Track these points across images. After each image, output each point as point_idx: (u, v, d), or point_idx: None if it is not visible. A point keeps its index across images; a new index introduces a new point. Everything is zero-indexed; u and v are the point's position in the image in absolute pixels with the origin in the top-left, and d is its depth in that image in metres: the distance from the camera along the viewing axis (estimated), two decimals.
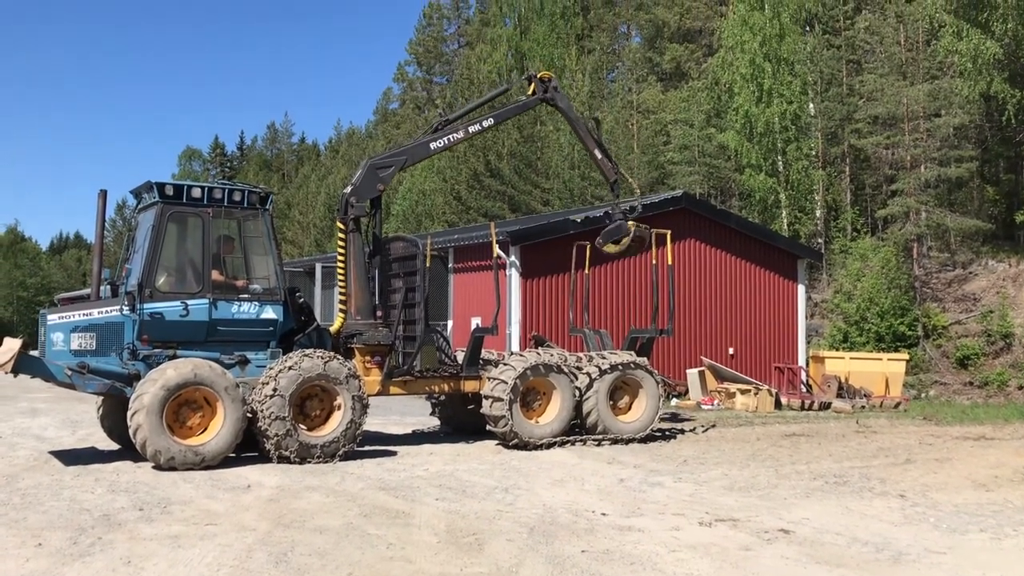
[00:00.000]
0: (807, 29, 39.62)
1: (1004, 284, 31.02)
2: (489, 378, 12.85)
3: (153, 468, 10.31)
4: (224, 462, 10.60)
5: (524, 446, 12.53)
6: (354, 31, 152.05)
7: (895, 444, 13.44)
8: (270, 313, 11.64)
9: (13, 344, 10.33)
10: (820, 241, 35.96)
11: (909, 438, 14.22)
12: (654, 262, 15.16)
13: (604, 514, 8.19)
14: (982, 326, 29.05)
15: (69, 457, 11.49)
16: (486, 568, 6.40)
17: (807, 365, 23.60)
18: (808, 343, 25.78)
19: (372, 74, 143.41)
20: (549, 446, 12.68)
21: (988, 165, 36.47)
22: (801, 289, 24.57)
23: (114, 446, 12.11)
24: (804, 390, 22.68)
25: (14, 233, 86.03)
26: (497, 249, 14.50)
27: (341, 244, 12.73)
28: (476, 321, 19.72)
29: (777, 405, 20.02)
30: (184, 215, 11.42)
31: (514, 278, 20.01)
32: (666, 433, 14.47)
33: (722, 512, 8.31)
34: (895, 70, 34.27)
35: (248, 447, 11.11)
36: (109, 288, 11.91)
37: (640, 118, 46.22)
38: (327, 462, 10.98)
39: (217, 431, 10.55)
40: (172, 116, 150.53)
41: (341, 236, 12.74)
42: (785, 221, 33.99)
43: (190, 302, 11.13)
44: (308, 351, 11.34)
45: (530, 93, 14.71)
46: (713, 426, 15.91)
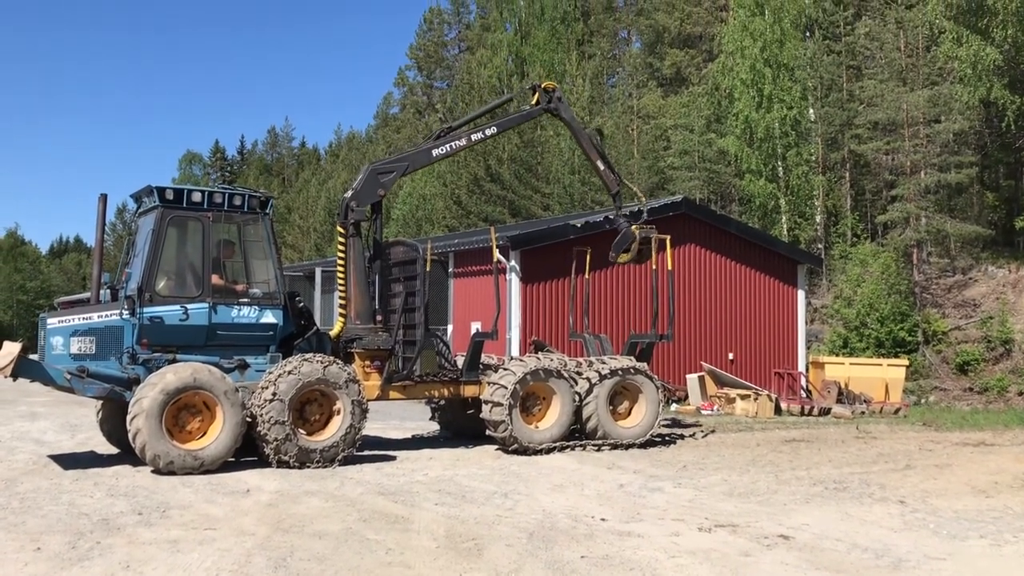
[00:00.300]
0: (807, 35, 39.71)
1: (1004, 290, 31.04)
2: (489, 383, 12.84)
3: (152, 472, 10.30)
4: (223, 466, 10.59)
5: (524, 451, 12.52)
6: (355, 36, 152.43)
7: (895, 450, 13.42)
8: (270, 317, 11.64)
9: (12, 348, 10.33)
10: (820, 246, 35.99)
11: (909, 444, 14.20)
12: (654, 267, 15.15)
13: (604, 519, 8.18)
14: (982, 332, 29.06)
15: (68, 461, 11.47)
16: (485, 573, 6.39)
17: (807, 370, 23.59)
18: (808, 348, 25.79)
19: (373, 79, 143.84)
20: (549, 451, 12.67)
21: (988, 171, 36.51)
22: (801, 294, 24.57)
23: (113, 450, 12.10)
24: (804, 395, 22.67)
25: (14, 237, 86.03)
26: (497, 254, 14.51)
27: (341, 248, 12.73)
28: (476, 326, 19.72)
29: (777, 410, 20.01)
30: (184, 219, 11.42)
31: (514, 283, 20.02)
32: (666, 438, 14.46)
33: (722, 518, 8.31)
34: (895, 76, 34.32)
35: (247, 451, 11.09)
36: (109, 292, 11.91)
37: (640, 123, 46.28)
38: (326, 467, 10.96)
39: (216, 435, 10.54)
40: (173, 120, 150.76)
41: (341, 240, 12.74)
42: (785, 226, 34.02)
43: (190, 306, 11.13)
44: (308, 355, 11.34)
45: (533, 103, 14.73)
46: (713, 431, 15.90)
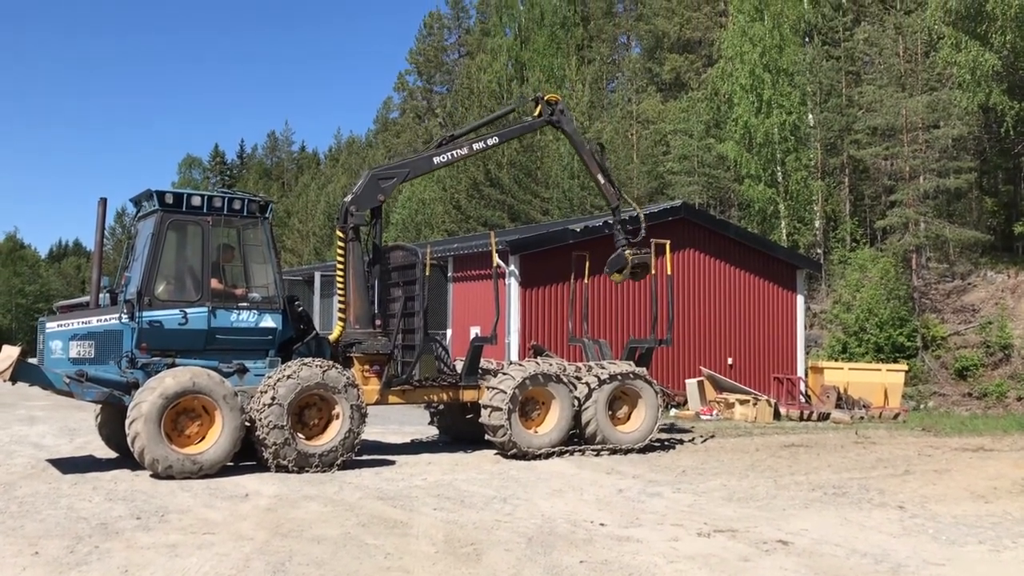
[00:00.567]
0: (806, 40, 39.76)
1: (1003, 295, 31.05)
2: (488, 387, 12.84)
3: (151, 476, 10.29)
4: (222, 471, 10.58)
5: (523, 456, 12.52)
6: (354, 40, 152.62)
7: (894, 455, 13.42)
8: (269, 322, 11.64)
9: (11, 352, 10.32)
10: (819, 251, 36.01)
11: (908, 449, 14.20)
12: (653, 272, 15.16)
13: (603, 524, 8.18)
14: (981, 337, 29.06)
15: (67, 465, 11.46)
16: None
17: (806, 375, 23.60)
18: (807, 353, 25.80)
19: (372, 83, 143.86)
20: (548, 456, 12.66)
21: (987, 176, 36.55)
22: (800, 299, 24.58)
23: (112, 454, 12.09)
24: (803, 400, 22.67)
25: (13, 240, 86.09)
26: (496, 258, 14.52)
27: (340, 253, 12.74)
28: (475, 330, 19.72)
29: (776, 415, 20.01)
30: (184, 223, 11.43)
31: (513, 287, 20.02)
32: (665, 443, 14.45)
33: (721, 523, 8.30)
34: (894, 81, 34.37)
35: (246, 456, 11.09)
36: (108, 296, 11.91)
37: (640, 128, 46.32)
38: (325, 471, 10.95)
39: (215, 440, 10.53)
40: (172, 124, 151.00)
41: (340, 245, 12.74)
42: (784, 231, 34.05)
43: (189, 310, 11.13)
44: (307, 360, 11.34)
45: (536, 114, 14.76)
46: (712, 436, 15.89)
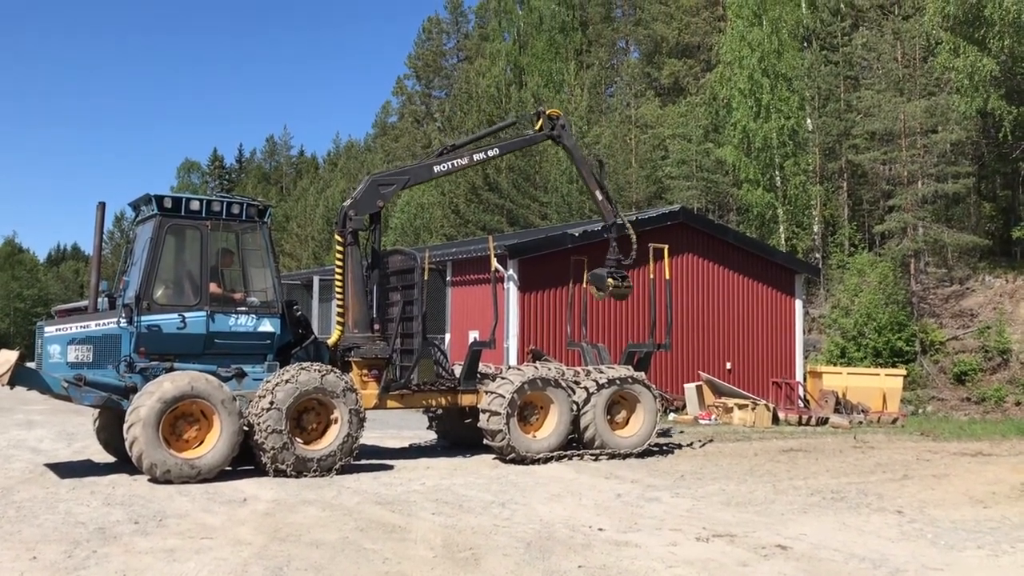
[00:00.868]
0: (805, 45, 39.82)
1: (1001, 300, 31.09)
2: (487, 392, 12.83)
3: (149, 481, 10.27)
4: (220, 475, 10.56)
5: (521, 460, 12.50)
6: (354, 45, 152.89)
7: (892, 460, 13.42)
8: (267, 326, 11.64)
9: (10, 356, 10.31)
10: (818, 256, 36.04)
11: (906, 454, 14.20)
12: (652, 276, 15.17)
13: (601, 529, 8.17)
14: (979, 342, 29.08)
15: (65, 470, 11.45)
16: None
17: (804, 380, 23.59)
18: (806, 358, 25.80)
19: (371, 88, 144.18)
20: (546, 460, 12.65)
21: (985, 181, 36.60)
22: (799, 304, 24.60)
23: (110, 459, 12.07)
24: (802, 405, 22.66)
25: (12, 244, 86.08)
26: (495, 263, 14.52)
27: (339, 257, 12.74)
28: (474, 335, 19.71)
29: (775, 420, 20.00)
30: (182, 228, 11.43)
31: (512, 292, 20.03)
32: (663, 448, 14.44)
33: (719, 527, 8.30)
34: (892, 86, 34.44)
35: (244, 460, 11.07)
36: (107, 300, 11.92)
37: (638, 133, 46.37)
38: (323, 476, 10.94)
39: (213, 444, 10.52)
40: (171, 128, 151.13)
41: (339, 249, 12.75)
42: (783, 236, 34.08)
43: (187, 315, 11.13)
44: (305, 364, 11.33)
45: (537, 128, 14.78)
46: (711, 441, 15.88)
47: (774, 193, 34.20)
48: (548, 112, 14.79)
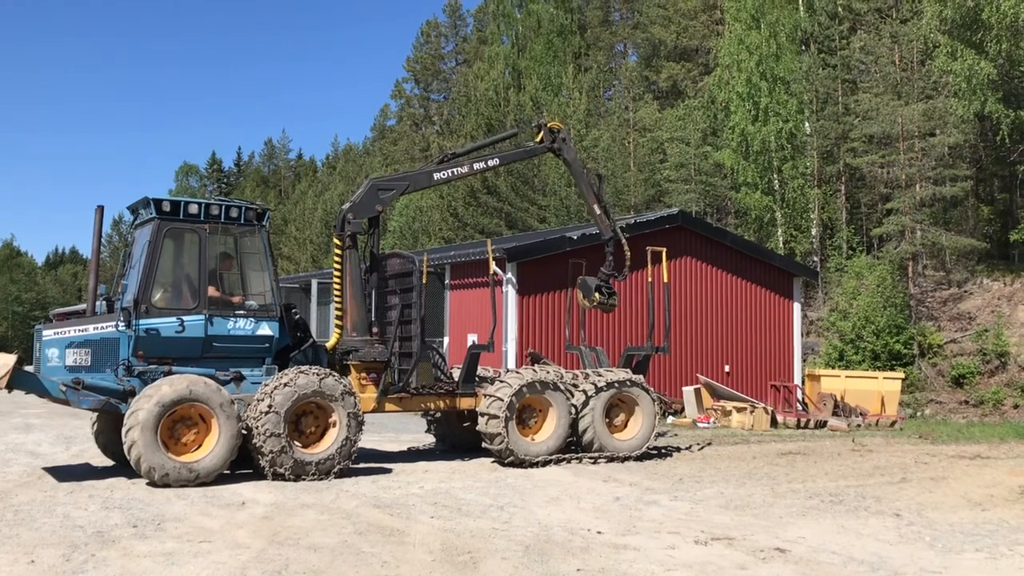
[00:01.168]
0: (803, 49, 39.86)
1: (999, 303, 31.10)
2: (485, 395, 12.83)
3: (147, 485, 10.27)
4: (218, 479, 10.56)
5: (520, 464, 12.51)
6: (352, 48, 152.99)
7: (891, 463, 13.43)
8: (266, 329, 11.64)
9: (8, 359, 10.30)
10: (816, 259, 36.05)
11: (905, 457, 14.21)
12: (650, 280, 15.18)
13: (600, 532, 8.18)
14: (977, 345, 29.09)
15: (63, 473, 11.44)
16: None
17: (803, 383, 23.60)
18: (804, 361, 25.82)
19: (369, 91, 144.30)
20: (545, 464, 12.65)
21: (983, 184, 36.65)
22: (797, 307, 24.62)
23: (108, 462, 12.06)
24: (800, 408, 22.67)
25: (10, 248, 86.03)
26: (494, 266, 14.53)
27: (338, 261, 12.74)
28: (472, 338, 19.72)
29: (773, 423, 20.02)
30: (181, 231, 11.43)
31: (510, 295, 20.04)
32: (662, 451, 14.45)
33: (718, 531, 8.30)
34: (890, 89, 34.47)
35: (243, 464, 11.07)
36: (105, 304, 11.91)
37: (636, 136, 46.38)
38: (322, 479, 10.94)
39: (212, 448, 10.52)
40: (169, 132, 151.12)
41: (338, 253, 12.75)
42: (781, 239, 34.11)
43: (186, 318, 11.13)
44: (304, 368, 11.33)
45: (538, 140, 14.81)
46: (709, 444, 15.89)
47: (772, 196, 34.23)
48: (550, 125, 14.82)
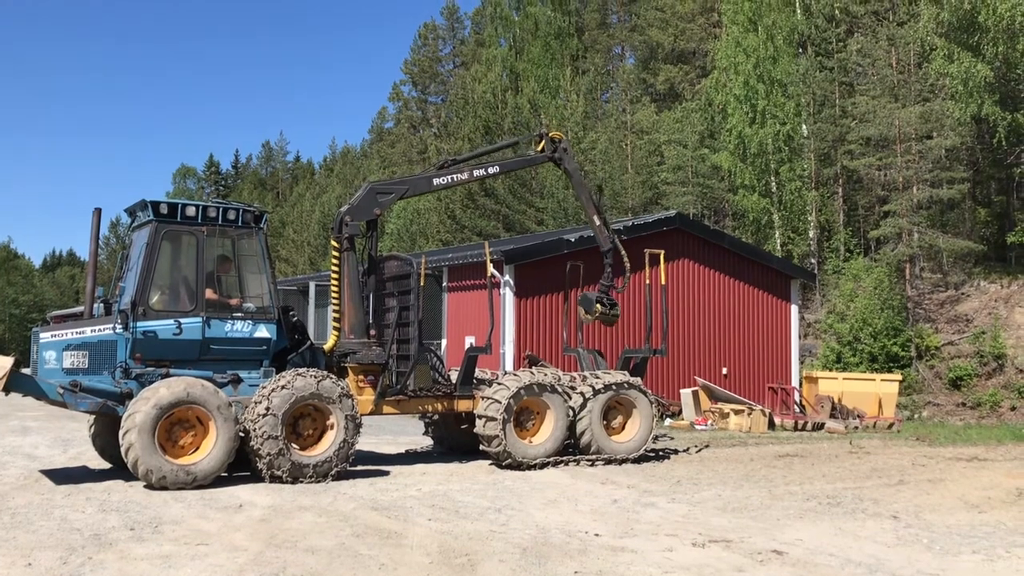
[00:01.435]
0: (800, 51, 39.93)
1: (996, 305, 31.14)
2: (483, 397, 12.83)
3: (144, 487, 10.25)
4: (216, 481, 10.55)
5: (518, 466, 12.50)
6: (350, 51, 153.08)
7: (888, 465, 13.44)
8: (263, 332, 11.64)
9: (5, 362, 10.28)
10: (813, 261, 36.09)
11: (902, 459, 14.22)
12: (648, 282, 15.19)
13: (597, 535, 8.18)
14: (974, 347, 29.13)
15: (60, 476, 11.42)
16: None
17: (800, 385, 23.61)
18: (801, 363, 25.84)
19: (367, 93, 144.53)
20: (543, 466, 12.65)
21: (980, 187, 36.72)
22: (794, 309, 24.64)
23: (106, 465, 12.04)
24: (797, 410, 22.69)
25: (7, 250, 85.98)
26: (491, 268, 14.53)
27: (335, 263, 12.74)
28: (470, 340, 19.73)
29: (770, 425, 20.03)
30: (178, 233, 11.43)
31: (508, 297, 20.04)
32: (660, 453, 14.45)
33: (715, 533, 8.30)
34: (887, 92, 34.53)
35: (240, 466, 11.05)
36: (102, 306, 11.89)
37: (634, 138, 46.41)
38: (319, 482, 10.93)
39: (209, 450, 10.50)
40: (167, 134, 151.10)
41: (335, 255, 12.75)
42: (778, 241, 34.15)
43: (183, 320, 11.12)
44: (301, 370, 11.33)
45: (539, 149, 14.84)
46: (707, 446, 15.90)
47: (770, 199, 34.28)
48: (551, 134, 14.87)
